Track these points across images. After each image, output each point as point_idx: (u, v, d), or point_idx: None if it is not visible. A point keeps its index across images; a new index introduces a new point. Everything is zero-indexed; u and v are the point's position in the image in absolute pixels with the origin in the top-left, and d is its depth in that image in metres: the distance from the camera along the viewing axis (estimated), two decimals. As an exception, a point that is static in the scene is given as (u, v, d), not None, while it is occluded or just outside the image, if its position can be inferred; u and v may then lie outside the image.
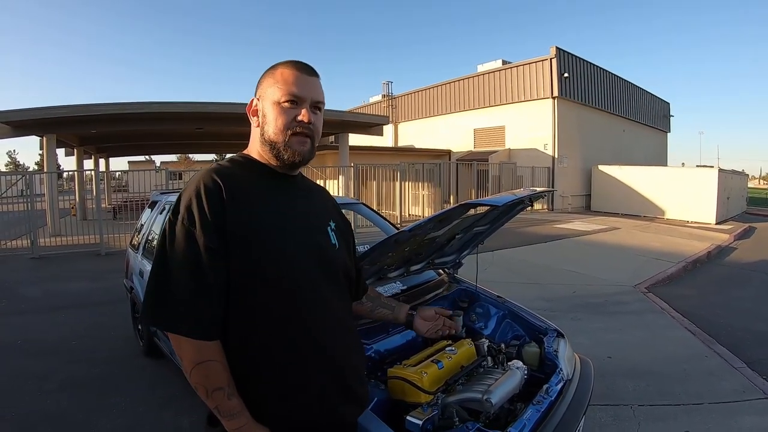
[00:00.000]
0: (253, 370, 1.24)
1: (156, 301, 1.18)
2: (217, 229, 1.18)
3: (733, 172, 21.50)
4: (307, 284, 1.30)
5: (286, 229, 1.30)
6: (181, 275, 1.16)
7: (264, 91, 1.36)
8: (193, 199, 1.20)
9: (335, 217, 1.53)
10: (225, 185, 1.23)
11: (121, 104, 13.46)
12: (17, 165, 63.83)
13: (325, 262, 1.37)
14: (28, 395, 3.70)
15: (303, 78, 1.34)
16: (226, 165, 1.34)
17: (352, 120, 17.82)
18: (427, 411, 1.82)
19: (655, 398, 3.64)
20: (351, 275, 1.55)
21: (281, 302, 1.25)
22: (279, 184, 1.38)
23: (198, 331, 1.16)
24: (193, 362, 1.17)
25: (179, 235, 1.18)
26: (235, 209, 1.21)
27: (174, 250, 1.18)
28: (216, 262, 1.18)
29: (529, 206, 2.52)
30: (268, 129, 1.33)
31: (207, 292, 1.17)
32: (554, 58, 19.85)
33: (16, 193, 12.39)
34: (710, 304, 6.52)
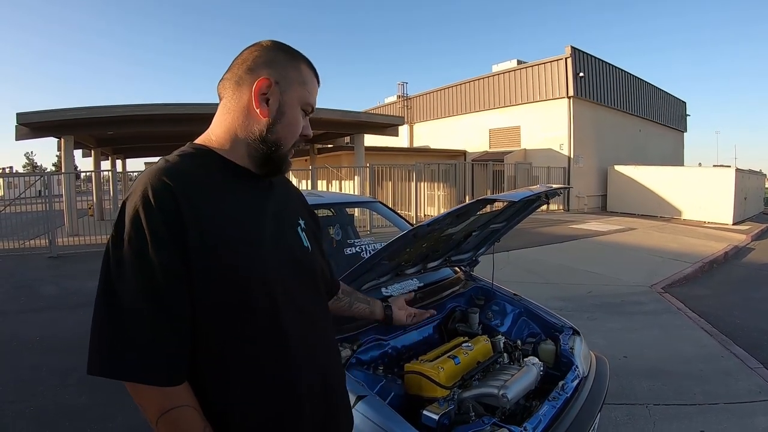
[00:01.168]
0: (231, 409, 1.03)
1: (104, 344, 0.94)
2: (174, 244, 0.95)
3: (751, 171, 21.18)
4: (285, 294, 1.10)
5: (256, 234, 1.09)
6: (134, 307, 0.93)
7: (288, 81, 1.13)
8: (140, 209, 0.95)
9: (303, 213, 1.34)
10: (177, 186, 0.98)
11: (138, 105, 13.58)
12: (35, 166, 64.59)
13: (302, 270, 1.19)
14: (46, 391, 3.77)
15: (317, 86, 1.21)
16: (176, 161, 1.07)
17: (368, 121, 17.87)
18: (443, 406, 1.83)
19: (671, 398, 3.62)
20: (327, 278, 1.40)
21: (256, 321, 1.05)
22: (243, 182, 1.13)
23: (162, 376, 0.94)
24: (160, 411, 0.95)
25: (127, 257, 0.94)
26: (194, 217, 0.98)
27: (122, 277, 0.94)
28: (176, 283, 0.95)
29: (546, 203, 2.52)
30: (283, 130, 1.13)
31: (169, 325, 0.94)
32: (569, 58, 19.72)
33: (34, 193, 12.58)
34: (727, 304, 6.46)
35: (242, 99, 1.11)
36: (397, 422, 1.68)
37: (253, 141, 1.11)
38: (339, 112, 15.96)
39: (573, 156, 20.11)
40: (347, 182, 16.89)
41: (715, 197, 17.04)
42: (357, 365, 2.13)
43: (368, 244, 3.32)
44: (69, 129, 13.66)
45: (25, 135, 13.50)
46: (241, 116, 1.12)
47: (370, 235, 6.90)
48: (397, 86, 30.98)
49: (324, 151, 21.80)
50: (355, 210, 5.86)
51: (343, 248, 3.25)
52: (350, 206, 4.28)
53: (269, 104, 1.11)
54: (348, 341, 2.19)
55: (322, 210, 3.61)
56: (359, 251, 3.24)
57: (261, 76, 1.09)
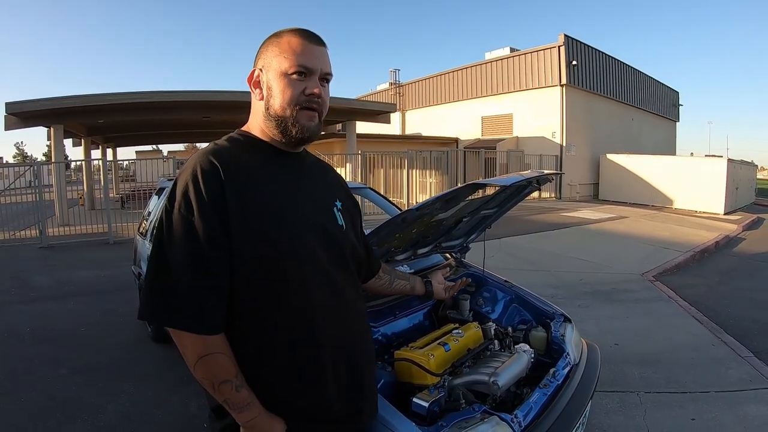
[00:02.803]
0: (261, 360, 1.19)
1: (155, 295, 1.11)
2: (218, 215, 1.11)
3: (742, 162, 21.29)
4: (314, 267, 1.22)
5: (290, 211, 1.22)
6: (180, 267, 1.09)
7: (269, 62, 1.25)
8: (190, 184, 1.12)
9: (341, 195, 1.45)
10: (223, 167, 1.14)
11: (128, 93, 13.47)
12: (25, 156, 64.03)
13: (331, 244, 1.30)
14: (39, 381, 3.73)
15: (311, 48, 1.25)
16: (224, 145, 1.25)
17: (360, 107, 17.79)
18: (433, 393, 1.82)
19: (662, 385, 3.63)
20: (360, 257, 1.48)
21: (287, 287, 1.18)
22: (282, 163, 1.30)
23: (201, 326, 1.10)
24: (197, 356, 1.11)
25: (177, 224, 1.10)
26: (235, 192, 1.13)
27: (172, 240, 1.10)
28: (217, 250, 1.11)
29: (537, 189, 2.50)
30: (275, 103, 1.23)
31: (209, 284, 1.10)
32: (562, 46, 19.68)
33: (25, 184, 12.47)
34: (718, 293, 6.49)
35: (253, 94, 1.31)
36: (387, 409, 1.65)
37: (265, 122, 1.27)
38: (331, 98, 15.64)
39: (565, 144, 20.13)
40: (339, 169, 16.81)
41: (707, 187, 17.08)
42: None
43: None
44: (59, 118, 13.52)
45: (14, 125, 13.35)
46: (256, 106, 1.31)
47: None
48: (389, 73, 30.93)
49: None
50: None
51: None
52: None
53: (262, 88, 1.27)
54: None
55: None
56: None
57: (252, 70, 1.29)
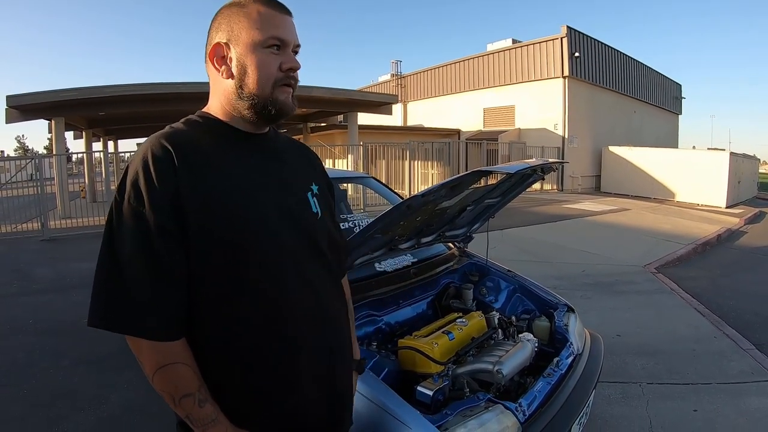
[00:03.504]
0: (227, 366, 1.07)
1: (105, 298, 0.98)
2: (171, 206, 0.99)
3: (745, 156, 21.24)
4: (284, 260, 1.10)
5: (256, 198, 1.09)
6: (132, 266, 0.97)
7: (236, 34, 1.10)
8: (140, 171, 0.99)
9: (317, 179, 1.30)
10: (177, 151, 1.02)
11: (129, 86, 13.40)
12: (26, 149, 63.93)
13: (305, 234, 1.17)
14: (41, 372, 3.73)
15: (283, 18, 1.13)
16: (180, 128, 1.12)
17: (361, 99, 17.72)
18: (437, 381, 1.82)
19: (664, 377, 3.63)
20: (337, 245, 1.34)
21: (255, 284, 1.06)
22: (247, 146, 1.16)
23: (159, 331, 0.98)
24: (155, 366, 0.99)
25: (126, 218, 0.99)
26: (191, 178, 1.01)
27: (122, 236, 0.98)
28: (172, 245, 0.99)
29: (541, 178, 2.49)
30: (249, 80, 1.10)
31: (165, 283, 0.99)
32: (565, 38, 19.56)
33: (26, 177, 12.47)
34: (720, 286, 6.48)
35: (212, 71, 1.15)
36: (391, 398, 1.66)
37: (234, 102, 1.12)
38: (332, 90, 15.79)
39: (567, 136, 20.05)
40: (341, 160, 16.80)
41: (709, 180, 17.05)
42: (350, 340, 2.11)
43: (361, 220, 3.28)
44: (60, 110, 13.47)
45: (15, 118, 13.29)
46: (218, 85, 1.15)
47: (364, 213, 6.87)
48: (391, 64, 30.71)
49: (317, 129, 21.62)
50: (347, 187, 5.84)
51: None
52: (343, 181, 4.22)
53: (231, 65, 1.11)
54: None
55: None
56: (352, 227, 3.20)
57: (213, 43, 1.12)
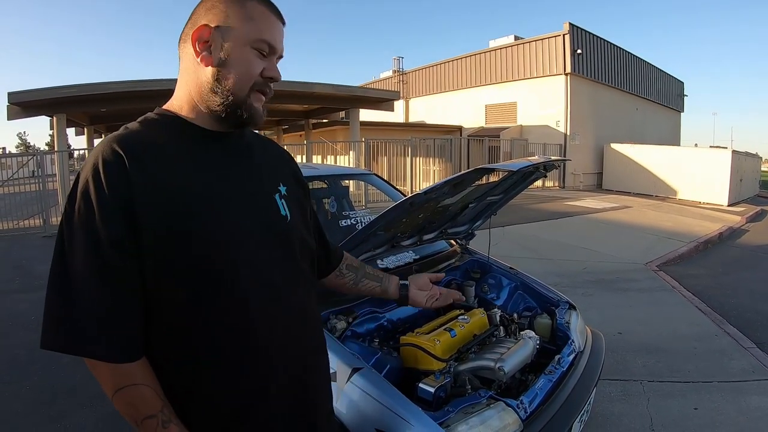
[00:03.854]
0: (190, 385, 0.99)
1: (57, 318, 0.90)
2: (124, 217, 0.91)
3: (747, 154, 21.18)
4: (251, 270, 1.02)
5: (218, 204, 1.01)
6: (84, 282, 0.90)
7: (230, 22, 1.02)
8: (90, 180, 0.92)
9: (286, 179, 1.21)
10: (129, 156, 0.93)
11: (130, 82, 13.37)
12: (27, 146, 63.77)
13: (273, 239, 1.09)
14: (43, 368, 3.74)
15: (278, 25, 1.07)
16: (135, 128, 1.02)
17: (363, 95, 17.65)
18: (439, 378, 1.82)
19: (665, 375, 3.64)
20: (310, 250, 1.24)
21: (217, 296, 0.98)
22: (209, 146, 1.07)
23: (115, 352, 0.91)
24: (114, 388, 0.92)
25: (77, 231, 0.91)
26: (146, 185, 0.93)
27: (73, 251, 0.91)
28: (127, 259, 0.92)
29: (544, 176, 2.49)
30: (230, 75, 1.02)
31: (119, 301, 0.91)
32: (567, 34, 19.49)
33: (28, 173, 12.46)
34: (721, 284, 6.48)
35: (188, 54, 1.05)
36: (393, 395, 1.66)
37: (206, 95, 1.04)
38: (334, 86, 15.75)
39: (569, 133, 20.01)
40: (343, 157, 16.79)
41: (711, 178, 17.02)
42: (352, 337, 2.11)
43: (363, 217, 3.28)
44: (61, 107, 13.40)
45: (17, 114, 13.26)
46: (193, 72, 1.05)
47: (366, 209, 6.87)
48: (392, 61, 30.72)
49: (319, 125, 21.60)
50: (350, 184, 5.83)
51: (338, 220, 3.21)
52: (345, 178, 4.23)
53: (212, 51, 1.02)
54: (343, 313, 2.17)
55: (316, 182, 3.58)
56: (354, 223, 3.21)
57: (199, 24, 1.02)
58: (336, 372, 1.75)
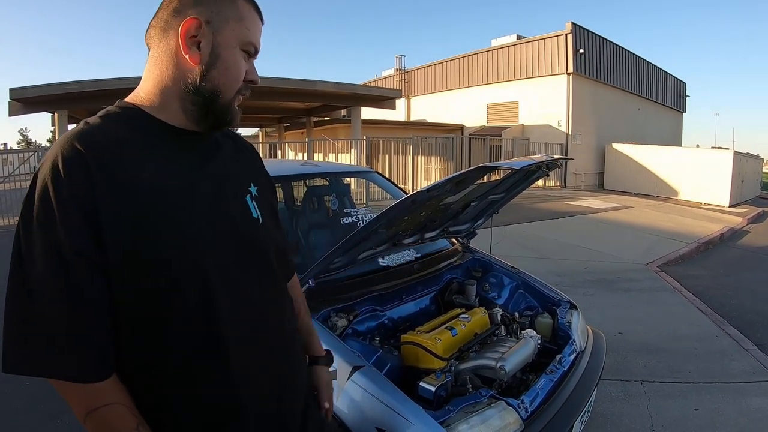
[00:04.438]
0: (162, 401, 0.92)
1: (18, 337, 0.82)
2: (87, 223, 0.82)
3: (749, 155, 21.13)
4: (221, 278, 0.95)
5: (186, 205, 0.93)
6: (45, 296, 0.81)
7: (222, 20, 0.95)
8: (49, 181, 0.83)
9: (257, 179, 1.14)
10: (91, 154, 0.85)
11: (132, 78, 13.30)
12: (29, 142, 63.66)
13: (244, 244, 1.02)
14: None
15: (260, 25, 1.02)
16: (96, 123, 0.93)
17: (365, 93, 17.67)
18: (440, 377, 1.82)
19: (666, 375, 3.63)
20: (281, 250, 1.20)
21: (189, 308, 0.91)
22: (176, 144, 0.98)
23: (83, 372, 0.83)
24: (86, 410, 0.85)
25: (36, 237, 0.82)
26: (108, 186, 0.84)
27: (31, 259, 0.82)
28: (91, 269, 0.83)
29: (546, 175, 2.48)
30: (219, 76, 0.96)
31: (85, 316, 0.83)
32: (570, 34, 19.47)
33: (29, 170, 12.46)
34: (722, 285, 6.47)
35: (170, 46, 0.95)
36: (394, 394, 1.66)
37: (186, 93, 0.95)
38: (335, 84, 15.78)
39: (571, 133, 19.99)
40: (344, 155, 16.79)
41: (713, 179, 16.97)
42: (353, 335, 2.11)
43: (365, 214, 3.28)
44: (63, 103, 13.42)
45: (18, 110, 13.25)
46: (171, 66, 0.95)
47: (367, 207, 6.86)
48: (395, 59, 30.69)
49: (321, 123, 21.61)
50: (351, 181, 5.82)
51: (340, 218, 3.21)
52: (347, 176, 4.22)
53: (200, 48, 0.94)
54: (344, 311, 2.17)
55: (318, 179, 3.57)
56: (356, 221, 3.20)
57: (189, 17, 0.93)
58: (336, 370, 1.74)
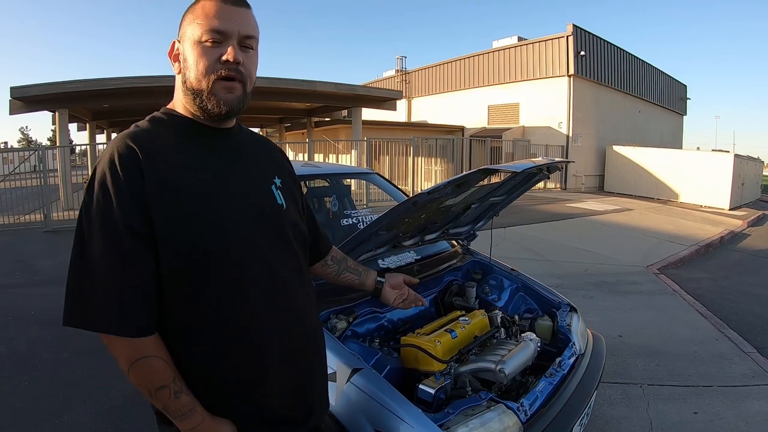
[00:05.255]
0: (198, 360, 1.10)
1: (78, 298, 1.00)
2: (138, 204, 1.01)
3: (749, 158, 21.15)
4: (251, 255, 1.13)
5: (221, 193, 1.12)
6: (101, 264, 0.99)
7: (183, 30, 1.14)
8: (107, 172, 1.02)
9: (281, 172, 1.34)
10: (142, 151, 1.04)
11: (133, 78, 13.35)
12: (30, 141, 63.74)
13: (270, 226, 1.20)
14: (42, 363, 3.75)
15: (227, 9, 1.12)
16: (145, 126, 1.14)
17: (366, 94, 17.66)
18: (439, 380, 1.81)
19: (665, 378, 3.63)
20: (304, 235, 1.36)
21: (221, 278, 1.08)
22: (209, 141, 1.18)
23: (129, 328, 1.00)
24: (129, 361, 1.02)
25: (95, 217, 1.01)
26: (156, 177, 1.04)
27: (92, 237, 1.01)
28: (141, 244, 1.01)
29: (547, 177, 2.48)
30: (190, 74, 1.12)
31: (134, 281, 1.01)
32: (571, 36, 19.53)
33: (30, 168, 12.48)
34: (722, 288, 6.48)
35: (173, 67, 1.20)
36: (393, 396, 1.65)
37: (185, 96, 1.17)
38: (336, 84, 15.80)
39: (572, 135, 20.02)
40: (344, 156, 16.79)
41: (713, 182, 16.99)
42: (352, 337, 2.11)
43: (365, 216, 3.27)
44: (64, 102, 13.40)
45: (19, 109, 13.24)
46: (177, 81, 1.19)
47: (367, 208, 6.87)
48: (396, 60, 30.72)
49: (321, 124, 21.62)
50: (351, 183, 5.83)
51: (340, 219, 3.20)
52: (347, 177, 4.22)
53: (179, 60, 1.16)
54: (344, 313, 2.17)
55: (318, 180, 3.56)
56: (356, 222, 3.20)
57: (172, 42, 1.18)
58: (336, 372, 1.74)
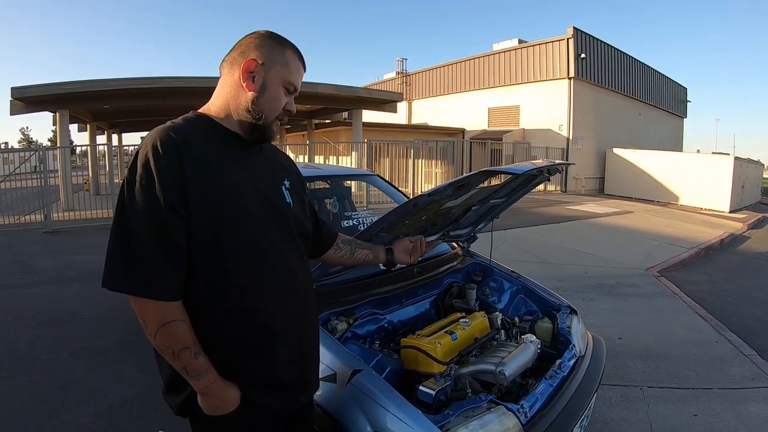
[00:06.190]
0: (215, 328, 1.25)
1: (116, 263, 1.14)
2: (177, 187, 1.16)
3: (749, 161, 21.14)
4: (266, 242, 1.30)
5: (243, 187, 1.28)
6: (141, 234, 1.13)
7: (272, 62, 1.33)
8: (150, 156, 1.15)
9: (290, 176, 1.53)
10: (181, 141, 1.19)
11: (134, 79, 13.36)
12: (30, 141, 63.71)
13: (280, 220, 1.37)
14: (41, 364, 3.74)
15: (302, 71, 1.40)
16: (180, 123, 1.29)
17: (366, 96, 17.69)
18: (440, 381, 1.81)
19: (665, 381, 3.63)
20: (307, 232, 1.53)
21: (242, 259, 1.25)
22: (235, 145, 1.35)
23: (162, 292, 1.15)
24: (158, 323, 1.16)
25: (138, 193, 1.14)
26: (193, 167, 1.19)
27: (134, 211, 1.14)
28: (177, 219, 1.16)
29: (548, 179, 2.47)
30: (264, 103, 1.32)
31: (169, 251, 1.15)
32: (571, 39, 19.50)
33: (30, 169, 12.48)
34: (722, 291, 6.48)
35: (234, 76, 1.33)
36: (393, 397, 1.65)
37: (242, 111, 1.32)
38: (337, 86, 15.80)
39: (572, 137, 20.00)
40: (345, 158, 16.79)
41: (713, 185, 16.98)
42: (353, 339, 2.11)
43: (366, 217, 3.27)
44: (64, 103, 13.42)
45: (20, 110, 13.25)
46: (233, 90, 1.34)
47: (367, 210, 6.87)
48: (396, 62, 30.67)
49: (322, 126, 21.64)
50: (352, 184, 5.84)
51: (341, 221, 3.20)
52: (347, 179, 4.22)
53: (255, 81, 1.31)
54: (344, 315, 2.17)
55: (318, 182, 3.57)
56: (356, 224, 3.20)
57: (249, 57, 1.31)
58: (336, 373, 1.75)
